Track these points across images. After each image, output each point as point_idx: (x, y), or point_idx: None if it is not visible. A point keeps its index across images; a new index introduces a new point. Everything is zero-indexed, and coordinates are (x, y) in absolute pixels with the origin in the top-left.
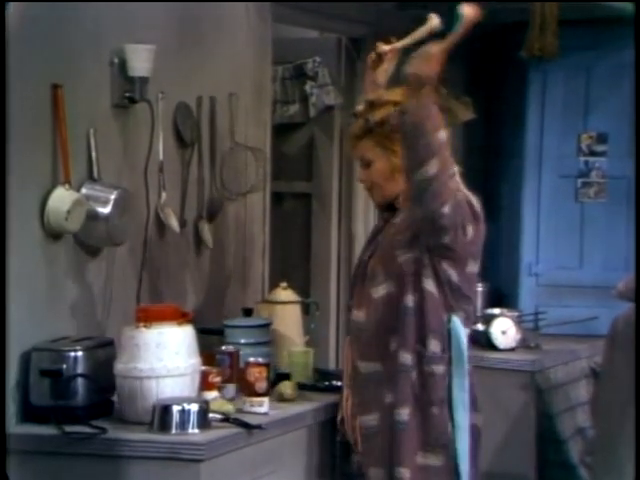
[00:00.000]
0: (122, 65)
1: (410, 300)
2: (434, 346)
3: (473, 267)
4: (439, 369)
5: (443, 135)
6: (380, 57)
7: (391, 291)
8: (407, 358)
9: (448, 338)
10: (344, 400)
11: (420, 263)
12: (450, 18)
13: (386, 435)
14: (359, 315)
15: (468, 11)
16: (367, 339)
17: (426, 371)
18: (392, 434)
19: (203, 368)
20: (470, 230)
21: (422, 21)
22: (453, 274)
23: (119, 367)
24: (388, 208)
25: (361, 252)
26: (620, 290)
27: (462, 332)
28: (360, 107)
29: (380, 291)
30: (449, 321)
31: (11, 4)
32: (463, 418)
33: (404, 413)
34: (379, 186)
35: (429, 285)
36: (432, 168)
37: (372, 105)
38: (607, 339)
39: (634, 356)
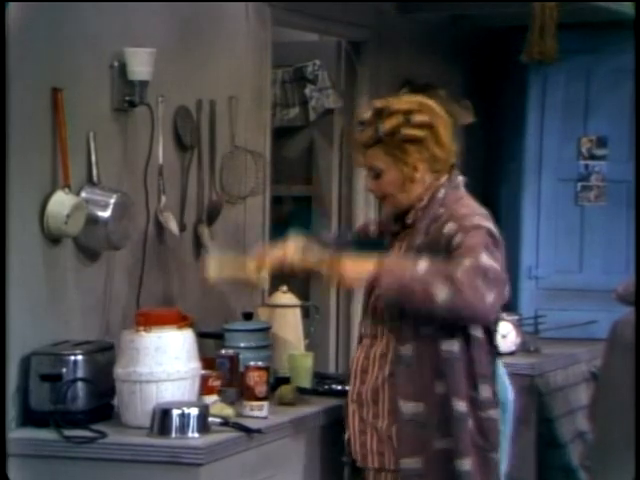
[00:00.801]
0: (122, 69)
1: (455, 345)
2: (485, 391)
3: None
4: (494, 414)
5: (421, 267)
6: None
7: (434, 333)
8: (462, 405)
9: (495, 383)
10: (350, 417)
11: None
12: (451, 21)
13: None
14: (407, 350)
15: None
16: (412, 377)
17: (483, 417)
18: None
19: (203, 372)
20: (503, 275)
21: (422, 25)
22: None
23: (119, 371)
24: (396, 219)
25: None
26: (619, 293)
27: (506, 378)
28: (366, 115)
29: (426, 330)
30: (493, 365)
31: (11, 4)
32: (504, 466)
33: (467, 463)
34: (392, 196)
35: (474, 330)
36: (440, 296)
37: (380, 114)
38: (606, 343)
39: (634, 360)
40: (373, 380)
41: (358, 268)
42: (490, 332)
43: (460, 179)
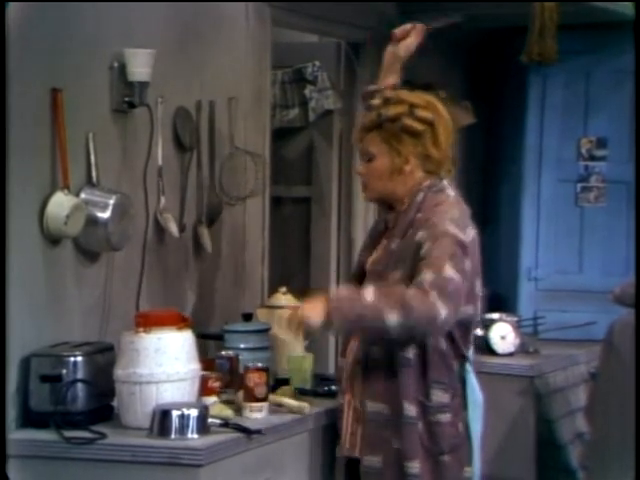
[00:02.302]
0: (122, 70)
1: (410, 352)
2: (438, 397)
3: (479, 289)
4: (446, 417)
5: (369, 295)
6: (408, 32)
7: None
8: (411, 410)
9: (462, 384)
10: (345, 406)
11: None
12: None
13: None
14: (372, 350)
15: None
16: (377, 376)
17: (432, 421)
18: None
19: (202, 373)
20: (475, 284)
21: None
22: (466, 317)
23: (118, 372)
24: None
25: (361, 251)
26: (616, 295)
27: (475, 381)
28: (376, 101)
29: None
30: (462, 368)
31: (11, 4)
32: (477, 466)
33: (414, 466)
34: (375, 182)
35: (435, 339)
36: (392, 320)
37: (387, 101)
38: (604, 344)
39: (631, 361)
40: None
41: (313, 311)
42: (454, 339)
43: (444, 183)
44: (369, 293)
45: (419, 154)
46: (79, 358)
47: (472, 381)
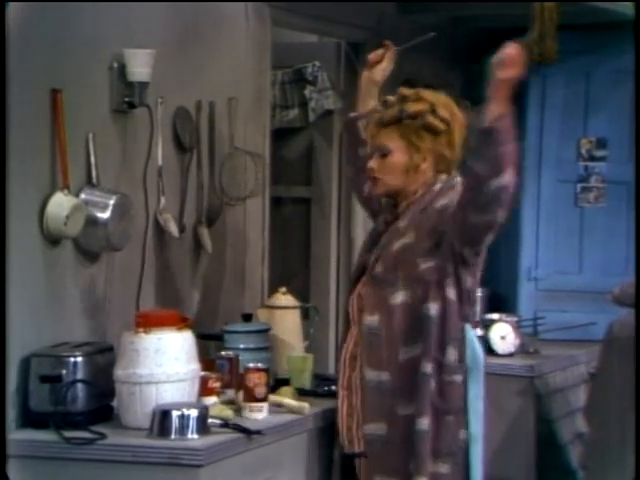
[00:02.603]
0: (121, 70)
1: (434, 308)
2: (452, 355)
3: (479, 274)
4: (458, 378)
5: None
6: (381, 56)
7: (411, 299)
8: (428, 367)
9: (463, 347)
10: (339, 403)
11: (443, 271)
12: (451, 22)
13: (400, 445)
14: (372, 320)
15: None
16: (378, 345)
17: (446, 380)
18: (411, 444)
19: (202, 373)
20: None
21: (422, 26)
22: (469, 281)
23: (118, 373)
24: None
25: (362, 252)
26: (615, 295)
27: (476, 340)
28: (392, 98)
29: (398, 297)
30: (463, 330)
31: (11, 4)
32: (477, 427)
33: (425, 422)
34: (388, 177)
35: (451, 294)
36: (508, 177)
37: (405, 98)
38: (603, 344)
39: (631, 361)
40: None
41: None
42: (464, 296)
43: (458, 180)
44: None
45: (435, 153)
46: (79, 358)
47: (473, 340)
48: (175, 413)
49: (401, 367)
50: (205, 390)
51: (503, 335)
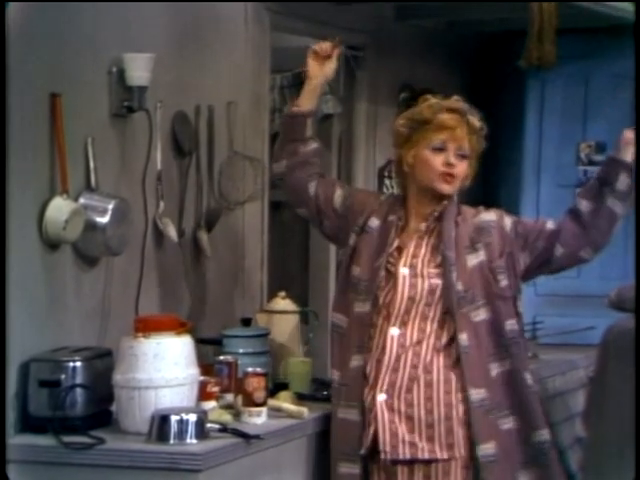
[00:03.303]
0: (120, 74)
1: (514, 324)
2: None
3: None
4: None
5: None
6: (331, 51)
7: (493, 315)
8: (530, 379)
9: None
10: (378, 408)
11: (517, 288)
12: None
13: (507, 460)
14: (464, 339)
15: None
16: (472, 364)
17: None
18: (542, 459)
19: (201, 378)
20: None
21: (420, 30)
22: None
23: (117, 377)
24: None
25: (370, 252)
26: (612, 300)
27: None
28: (462, 105)
29: (481, 315)
30: None
31: (10, 6)
32: None
33: (545, 433)
34: (463, 179)
35: (520, 307)
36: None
37: (469, 111)
38: (600, 349)
39: (628, 365)
40: (409, 368)
41: None
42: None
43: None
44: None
45: (473, 167)
46: (78, 363)
47: None
48: (174, 418)
49: (494, 383)
50: (204, 395)
51: None
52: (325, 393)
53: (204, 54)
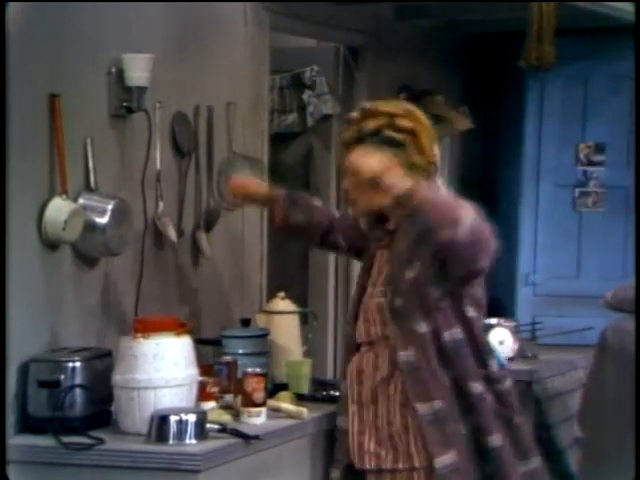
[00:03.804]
0: (119, 75)
1: (458, 332)
2: (493, 366)
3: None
4: (508, 383)
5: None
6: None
7: (433, 327)
8: (477, 387)
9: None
10: (350, 419)
11: (456, 295)
12: (449, 27)
13: (473, 468)
14: (408, 355)
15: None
16: (422, 378)
17: (500, 389)
18: (493, 464)
19: (201, 378)
20: (490, 239)
21: (419, 30)
22: (480, 291)
23: (117, 378)
24: (378, 221)
25: (360, 272)
26: (608, 301)
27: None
28: (355, 114)
29: (424, 328)
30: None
31: (10, 6)
32: None
33: (496, 439)
34: (364, 195)
35: (470, 312)
36: (467, 219)
37: (366, 114)
38: (596, 349)
39: (624, 366)
40: (371, 381)
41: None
42: (480, 307)
43: (439, 183)
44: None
45: (404, 163)
46: (77, 364)
47: (497, 351)
48: (173, 418)
49: (450, 390)
50: (203, 395)
51: (501, 340)
52: (324, 393)
53: (203, 55)
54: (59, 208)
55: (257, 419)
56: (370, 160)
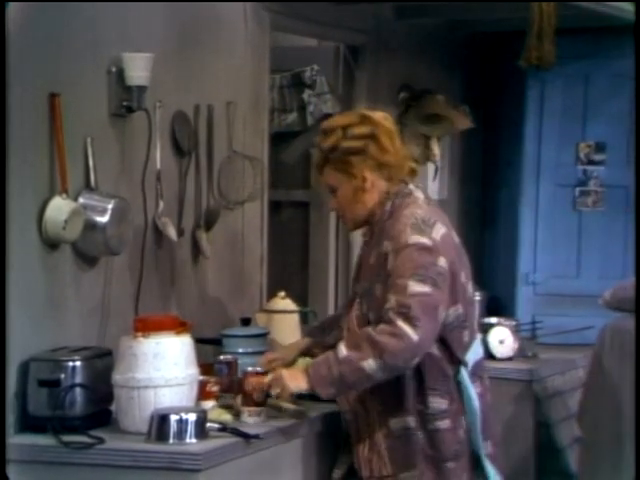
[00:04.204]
0: (120, 74)
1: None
2: (437, 403)
3: (467, 283)
4: (445, 424)
5: (342, 351)
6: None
7: None
8: (411, 420)
9: (458, 390)
10: (350, 427)
11: None
12: (449, 26)
13: None
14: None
15: None
16: (385, 393)
17: (430, 429)
18: None
19: (201, 378)
20: (458, 281)
21: (419, 30)
22: (455, 319)
23: (117, 377)
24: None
25: (353, 282)
26: (606, 299)
27: (470, 387)
28: (318, 137)
29: None
30: (457, 374)
31: (10, 6)
32: (490, 468)
33: (415, 475)
34: (349, 210)
35: (434, 350)
36: (371, 367)
37: (325, 133)
38: (595, 349)
39: (622, 365)
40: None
41: (295, 380)
42: (446, 343)
43: (410, 187)
44: (341, 349)
45: (372, 167)
46: (77, 363)
47: (468, 388)
48: (173, 417)
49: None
50: (203, 394)
51: (501, 339)
52: None
53: (203, 54)
54: (59, 207)
55: (257, 418)
56: (347, 176)
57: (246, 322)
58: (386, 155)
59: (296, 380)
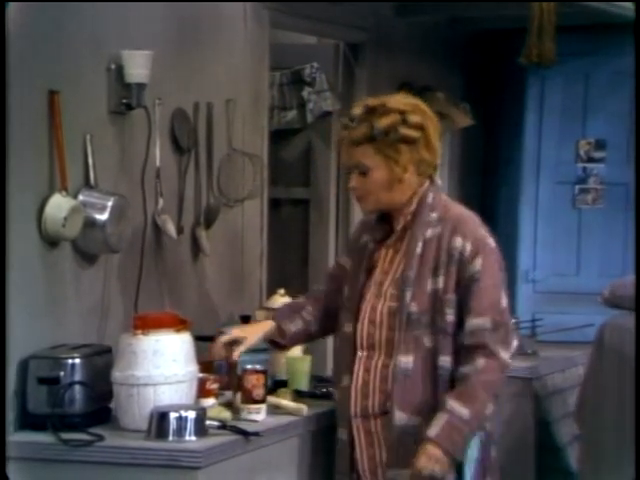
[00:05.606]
0: (119, 71)
1: (448, 361)
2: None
3: None
4: None
5: (463, 411)
6: None
7: (434, 345)
8: (415, 420)
9: None
10: (355, 433)
11: (458, 326)
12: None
13: None
14: (407, 361)
15: None
16: (411, 389)
17: None
18: None
19: (200, 375)
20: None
21: (419, 27)
22: None
23: (116, 374)
24: (378, 224)
25: (355, 269)
26: (605, 297)
27: None
28: (358, 111)
29: (427, 342)
30: None
31: (10, 4)
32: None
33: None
34: (375, 195)
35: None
36: (490, 408)
37: (373, 111)
38: (593, 346)
39: (622, 363)
40: (378, 394)
41: (437, 464)
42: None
43: (439, 182)
44: (457, 407)
45: (415, 160)
46: (77, 360)
47: None
48: (173, 415)
49: (433, 411)
50: (203, 392)
51: None
52: (324, 390)
53: (203, 51)
54: (59, 205)
55: (257, 416)
56: (389, 163)
57: (246, 319)
58: (429, 152)
59: (438, 463)
